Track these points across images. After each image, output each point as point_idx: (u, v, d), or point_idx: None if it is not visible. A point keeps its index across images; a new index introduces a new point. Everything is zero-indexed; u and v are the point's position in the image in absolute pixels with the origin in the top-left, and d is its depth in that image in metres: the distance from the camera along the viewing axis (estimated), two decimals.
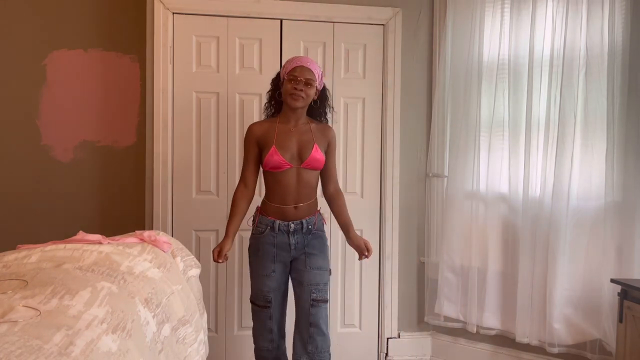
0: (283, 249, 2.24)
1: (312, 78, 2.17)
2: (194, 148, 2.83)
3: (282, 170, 2.19)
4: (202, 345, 2.04)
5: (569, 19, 2.56)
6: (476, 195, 2.85)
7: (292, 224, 2.23)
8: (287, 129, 2.23)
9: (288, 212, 2.23)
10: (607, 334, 2.49)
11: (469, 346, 2.94)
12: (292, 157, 2.21)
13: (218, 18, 2.81)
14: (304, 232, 2.25)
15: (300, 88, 2.15)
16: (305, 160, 2.20)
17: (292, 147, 2.21)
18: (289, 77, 2.17)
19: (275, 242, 2.23)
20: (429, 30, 3.03)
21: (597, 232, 2.54)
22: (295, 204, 2.22)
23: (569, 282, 2.59)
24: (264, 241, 2.25)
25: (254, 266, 2.30)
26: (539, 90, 2.66)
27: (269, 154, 2.18)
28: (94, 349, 1.17)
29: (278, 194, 2.23)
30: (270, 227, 2.23)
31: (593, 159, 2.55)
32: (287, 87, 2.17)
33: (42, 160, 3.03)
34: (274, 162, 2.18)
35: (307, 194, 2.25)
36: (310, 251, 2.26)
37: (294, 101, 2.16)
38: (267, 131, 2.24)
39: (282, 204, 2.22)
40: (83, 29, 3.03)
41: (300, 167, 2.21)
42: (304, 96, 2.17)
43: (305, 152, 2.21)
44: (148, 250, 2.00)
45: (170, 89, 2.78)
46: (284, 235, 2.23)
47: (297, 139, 2.23)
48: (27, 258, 1.72)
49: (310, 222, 2.27)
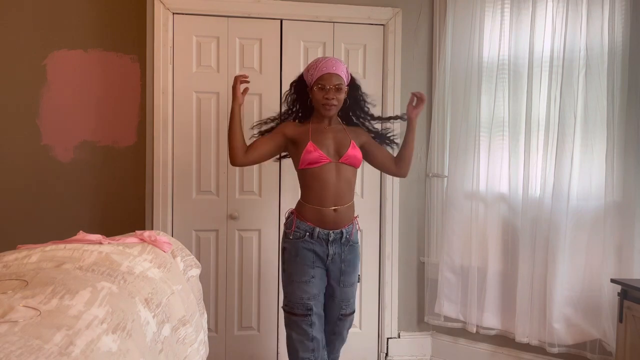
0: (320, 257, 2.18)
1: (341, 83, 2.15)
2: (194, 148, 2.83)
3: (320, 165, 2.14)
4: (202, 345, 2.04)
5: (569, 19, 2.56)
6: (476, 195, 2.85)
7: (331, 233, 2.17)
8: (321, 127, 2.21)
9: (327, 216, 2.16)
10: (607, 334, 2.49)
11: (469, 346, 2.94)
12: (330, 153, 2.17)
13: (218, 18, 2.81)
14: (342, 242, 2.20)
15: (331, 97, 2.13)
16: (343, 155, 2.17)
17: (329, 143, 2.18)
18: (317, 85, 2.14)
19: (314, 248, 2.17)
20: (429, 30, 3.03)
21: (597, 232, 2.54)
22: (334, 205, 2.15)
23: (569, 282, 2.59)
24: (302, 246, 2.16)
25: (291, 272, 2.19)
26: (539, 90, 2.66)
27: (306, 150, 2.12)
28: (94, 349, 1.17)
29: (316, 192, 2.15)
30: (310, 234, 2.16)
31: (593, 159, 2.55)
32: (317, 97, 2.16)
33: (42, 160, 3.03)
34: (312, 157, 2.12)
35: (346, 192, 2.19)
36: (345, 268, 2.23)
37: (328, 111, 2.16)
38: (301, 131, 2.20)
39: (321, 204, 2.15)
40: (83, 29, 3.03)
41: (338, 162, 2.17)
42: (336, 103, 2.16)
43: (343, 148, 2.18)
44: (148, 250, 2.00)
45: (170, 89, 2.78)
46: (322, 244, 2.17)
47: (333, 136, 2.20)
48: (27, 258, 1.72)
49: (349, 232, 2.21)
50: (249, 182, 2.86)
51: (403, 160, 2.31)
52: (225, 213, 2.85)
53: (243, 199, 2.86)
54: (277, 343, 2.90)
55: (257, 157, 2.18)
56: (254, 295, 2.89)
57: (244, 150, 2.15)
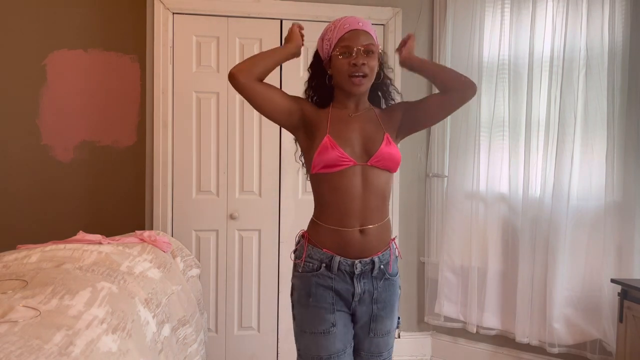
0: (342, 297, 1.55)
1: (372, 43, 1.54)
2: (194, 148, 2.83)
3: (341, 169, 1.51)
4: (202, 345, 2.04)
5: (569, 19, 2.56)
6: (476, 195, 2.85)
7: (358, 263, 1.53)
8: (344, 115, 1.58)
9: (351, 240, 1.52)
10: (607, 334, 2.49)
11: (469, 346, 2.94)
12: (354, 152, 1.53)
13: (218, 18, 2.81)
14: (374, 275, 1.56)
15: (361, 62, 1.50)
16: (373, 154, 1.53)
17: (354, 137, 1.55)
18: (340, 50, 1.53)
19: (334, 285, 1.54)
20: (429, 30, 3.03)
21: (597, 232, 2.54)
22: (361, 225, 1.52)
23: (569, 282, 2.59)
24: (316, 282, 1.55)
25: (302, 319, 1.60)
26: (539, 90, 2.66)
27: (322, 145, 1.50)
28: (94, 349, 1.17)
29: (335, 208, 1.53)
30: (326, 266, 1.54)
31: (593, 159, 2.55)
32: (340, 66, 1.53)
33: (42, 160, 3.02)
34: (329, 158, 1.50)
35: (378, 207, 1.55)
36: (379, 312, 1.59)
37: (357, 86, 1.53)
38: (318, 116, 1.59)
39: (342, 225, 1.52)
40: (83, 29, 3.03)
41: (366, 165, 1.53)
42: (367, 72, 1.52)
43: (373, 144, 1.55)
44: (148, 251, 2.01)
45: (170, 89, 2.78)
46: (345, 279, 1.54)
47: (360, 128, 1.57)
48: (27, 258, 1.72)
49: (384, 260, 1.57)
50: (249, 182, 2.86)
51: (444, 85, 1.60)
52: (225, 213, 2.85)
53: (243, 199, 2.86)
54: (277, 343, 2.90)
55: (264, 91, 1.54)
56: (254, 295, 2.89)
57: (259, 78, 1.54)
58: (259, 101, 1.54)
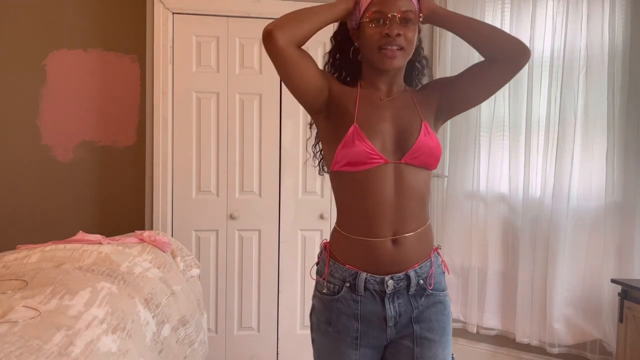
0: (373, 324, 1.26)
1: (411, 9, 1.24)
2: (194, 148, 2.82)
3: (370, 168, 1.24)
4: (202, 345, 2.04)
5: (569, 19, 2.56)
6: (476, 195, 2.85)
7: (389, 279, 1.24)
8: (374, 98, 1.31)
9: (381, 252, 1.24)
10: (607, 334, 2.49)
11: (469, 346, 2.93)
12: (385, 147, 1.25)
13: (218, 18, 2.81)
14: (413, 293, 1.27)
15: (395, 32, 1.21)
16: (408, 150, 1.25)
17: (385, 129, 1.27)
18: (371, 16, 1.24)
19: (360, 311, 1.25)
20: (429, 30, 3.03)
21: (597, 232, 2.54)
22: (394, 234, 1.25)
23: (569, 282, 2.59)
24: (338, 308, 1.27)
25: (320, 349, 1.33)
26: (539, 90, 2.66)
27: (348, 137, 1.23)
28: (93, 349, 1.17)
29: (361, 215, 1.26)
30: (350, 285, 1.26)
31: (593, 159, 2.55)
32: (369, 36, 1.24)
33: (42, 160, 3.02)
34: (356, 153, 1.22)
35: (414, 212, 1.28)
36: (423, 332, 1.27)
37: (389, 59, 1.24)
38: (345, 94, 1.31)
39: (370, 234, 1.24)
40: (83, 29, 3.03)
41: (399, 162, 1.26)
42: (404, 45, 1.23)
43: (408, 137, 1.26)
44: (148, 251, 2.01)
45: (170, 89, 2.78)
46: (375, 301, 1.25)
47: (393, 116, 1.29)
48: (27, 258, 1.72)
49: (423, 274, 1.28)
50: (249, 182, 2.86)
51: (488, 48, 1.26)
52: (225, 213, 2.85)
53: (243, 199, 2.86)
54: (277, 343, 2.90)
55: (300, 59, 1.23)
56: (254, 295, 2.89)
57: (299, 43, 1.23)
58: (292, 70, 1.24)
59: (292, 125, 2.85)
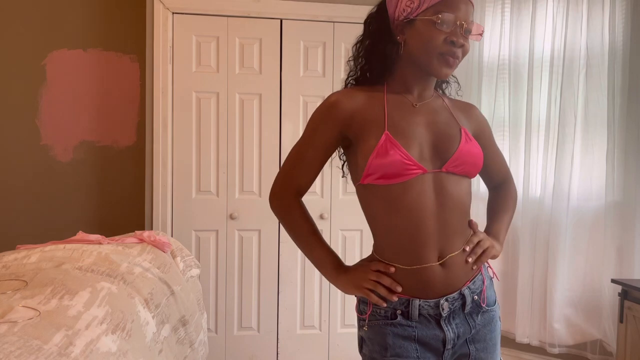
0: (430, 346, 1.16)
1: (473, 20, 1.16)
2: (194, 148, 2.82)
3: (408, 180, 1.11)
4: (202, 345, 2.04)
5: (569, 19, 2.56)
6: (476, 195, 2.84)
7: (444, 302, 1.14)
8: (405, 103, 1.18)
9: (431, 277, 1.13)
10: (607, 334, 2.49)
11: None
12: (423, 155, 1.13)
13: (218, 18, 2.81)
14: (469, 311, 1.18)
15: (461, 42, 1.12)
16: (450, 157, 1.15)
17: (421, 135, 1.14)
18: (431, 15, 1.10)
19: (417, 335, 1.15)
20: None
21: (597, 232, 2.54)
22: (440, 255, 1.14)
23: (569, 282, 2.59)
24: (393, 331, 1.15)
25: None
26: (539, 90, 2.66)
27: (380, 146, 1.09)
28: (93, 350, 1.17)
29: (401, 236, 1.13)
30: (402, 312, 1.15)
31: (593, 159, 2.55)
32: (432, 38, 1.10)
33: (42, 160, 3.02)
34: (391, 164, 1.09)
35: (460, 227, 1.19)
36: (478, 354, 1.19)
37: (449, 68, 1.13)
38: (366, 104, 1.16)
39: (415, 260, 1.13)
40: (83, 29, 3.03)
41: (440, 171, 1.15)
42: (460, 57, 1.15)
43: (448, 143, 1.16)
44: (148, 251, 2.00)
45: (170, 89, 2.78)
46: (430, 325, 1.15)
47: (428, 122, 1.17)
48: (27, 258, 1.72)
49: (476, 290, 1.19)
50: (249, 182, 2.86)
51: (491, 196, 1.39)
52: (225, 213, 2.85)
53: (243, 199, 2.85)
54: (277, 343, 2.90)
55: (312, 182, 1.26)
56: (254, 295, 2.89)
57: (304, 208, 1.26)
58: None
59: (292, 125, 2.85)
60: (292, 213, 1.23)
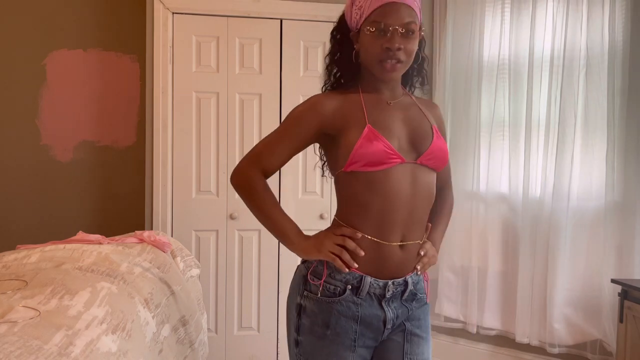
0: (372, 326, 1.26)
1: (413, 21, 1.23)
2: (194, 148, 2.82)
3: (388, 167, 1.22)
4: (202, 345, 2.04)
5: (569, 19, 2.55)
6: (476, 195, 2.85)
7: (391, 284, 1.25)
8: (380, 101, 1.30)
9: (389, 256, 1.24)
10: (607, 334, 2.49)
11: (469, 346, 2.93)
12: (401, 147, 1.25)
13: (218, 18, 2.81)
14: (405, 298, 1.29)
15: (397, 46, 1.20)
16: (425, 150, 1.26)
17: (398, 129, 1.26)
18: (372, 26, 1.21)
19: (360, 314, 1.24)
20: (429, 30, 3.03)
21: (597, 232, 2.53)
22: (402, 239, 1.25)
23: (569, 282, 2.59)
24: (339, 311, 1.23)
25: (312, 353, 1.26)
26: (539, 90, 2.66)
27: (364, 137, 1.20)
28: (93, 350, 1.17)
29: (375, 213, 1.23)
30: (353, 287, 1.23)
31: (593, 159, 2.55)
32: (369, 46, 1.23)
33: (42, 160, 3.02)
34: (375, 153, 1.20)
35: (425, 216, 1.30)
36: (415, 330, 1.30)
37: (388, 72, 1.24)
38: (345, 104, 1.27)
39: (381, 236, 1.23)
40: (83, 29, 3.03)
41: (416, 163, 1.25)
42: (404, 59, 1.23)
43: (422, 137, 1.27)
44: (148, 251, 2.00)
45: (170, 89, 2.78)
46: (373, 304, 1.25)
47: (403, 117, 1.29)
48: (27, 258, 1.72)
49: (416, 282, 1.31)
50: None
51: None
52: (225, 213, 2.85)
53: None
54: (277, 343, 2.90)
55: (278, 168, 1.36)
56: (254, 295, 2.89)
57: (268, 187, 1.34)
58: None
59: None
60: (256, 187, 1.31)
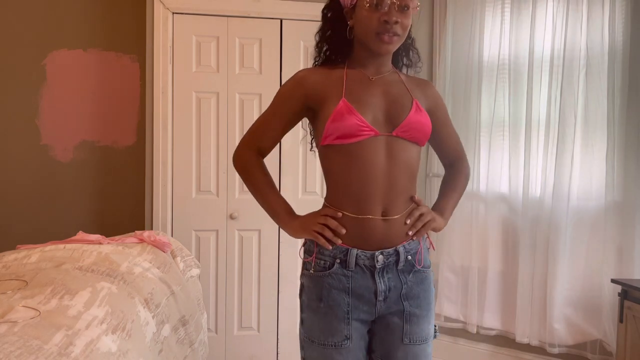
0: (363, 298, 1.28)
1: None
2: (194, 148, 2.82)
3: (361, 140, 1.25)
4: (202, 345, 2.04)
5: (569, 19, 2.55)
6: (476, 195, 2.85)
7: (379, 254, 1.27)
8: (362, 77, 1.33)
9: (372, 228, 1.27)
10: (607, 334, 2.49)
11: (469, 346, 2.93)
12: (376, 120, 1.27)
13: (218, 18, 2.81)
14: (401, 269, 1.30)
15: (394, 19, 1.24)
16: (400, 123, 1.28)
17: (375, 103, 1.29)
18: (366, 0, 1.26)
19: (351, 286, 1.28)
20: (429, 30, 3.03)
21: (597, 232, 2.54)
22: (384, 210, 1.27)
23: (569, 282, 2.59)
24: (329, 283, 1.28)
25: (311, 327, 1.31)
26: (539, 90, 2.66)
27: (337, 112, 1.24)
28: (93, 350, 1.17)
29: (352, 189, 1.27)
30: (341, 261, 1.28)
31: (593, 159, 2.55)
32: (366, 20, 1.27)
33: (42, 160, 3.02)
34: (346, 126, 1.23)
35: (405, 187, 1.30)
36: (413, 309, 1.31)
37: (386, 44, 1.27)
38: (327, 79, 1.32)
39: (361, 210, 1.27)
40: (83, 29, 3.03)
41: (391, 135, 1.28)
42: (400, 33, 1.27)
43: (400, 110, 1.29)
44: (148, 251, 2.00)
45: (170, 89, 2.78)
46: (365, 276, 1.28)
47: (383, 92, 1.32)
48: (27, 258, 1.72)
49: (412, 251, 1.32)
50: None
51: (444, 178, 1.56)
52: (225, 213, 2.85)
53: (243, 199, 2.85)
54: (277, 343, 2.90)
55: (272, 147, 1.43)
56: (254, 295, 2.89)
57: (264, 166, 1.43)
58: None
59: None
60: (252, 168, 1.40)
